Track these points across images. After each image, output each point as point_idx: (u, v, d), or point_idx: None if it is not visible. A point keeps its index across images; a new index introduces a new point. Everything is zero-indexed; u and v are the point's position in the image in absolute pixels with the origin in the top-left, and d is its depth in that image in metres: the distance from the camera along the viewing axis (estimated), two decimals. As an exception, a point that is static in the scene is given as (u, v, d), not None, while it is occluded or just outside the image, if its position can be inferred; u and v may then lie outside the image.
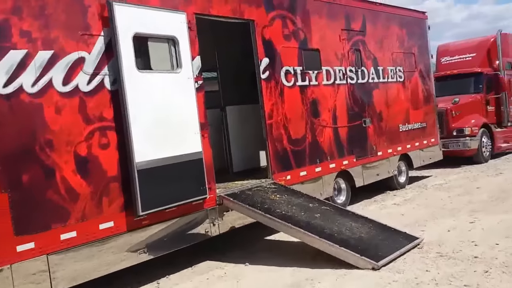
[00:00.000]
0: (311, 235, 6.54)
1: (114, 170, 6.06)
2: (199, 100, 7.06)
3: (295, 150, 8.79)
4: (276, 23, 8.53)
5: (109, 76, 6.05)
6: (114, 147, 6.08)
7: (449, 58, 17.35)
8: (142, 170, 6.14)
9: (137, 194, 6.09)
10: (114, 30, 5.99)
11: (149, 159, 6.24)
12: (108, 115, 6.03)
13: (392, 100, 11.53)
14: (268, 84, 8.33)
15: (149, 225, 6.40)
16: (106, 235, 5.94)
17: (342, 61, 10.03)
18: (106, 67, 6.04)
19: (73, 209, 5.64)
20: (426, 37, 12.96)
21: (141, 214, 6.17)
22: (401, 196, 11.10)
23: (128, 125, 6.05)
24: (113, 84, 6.08)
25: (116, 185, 6.07)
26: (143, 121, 6.21)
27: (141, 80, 6.25)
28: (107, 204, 5.97)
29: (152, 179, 6.27)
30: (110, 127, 6.05)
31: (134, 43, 6.18)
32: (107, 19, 6.01)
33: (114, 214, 6.03)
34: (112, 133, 6.07)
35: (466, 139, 14.97)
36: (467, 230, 7.63)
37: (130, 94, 6.07)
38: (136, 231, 6.27)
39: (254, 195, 7.58)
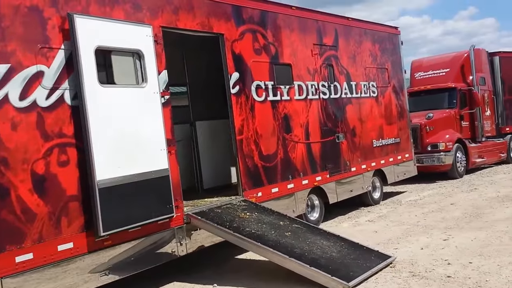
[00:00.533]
0: (281, 255, 6.36)
1: (74, 188, 5.81)
2: (165, 116, 6.87)
3: (267, 167, 8.64)
4: (246, 37, 8.43)
5: (69, 91, 5.83)
6: (74, 165, 5.84)
7: (423, 74, 17.49)
8: (104, 189, 5.91)
9: (98, 214, 5.85)
10: (75, 43, 5.78)
11: (111, 177, 6.01)
12: (68, 131, 5.81)
13: (365, 115, 11.49)
14: (238, 99, 8.19)
15: (112, 245, 6.14)
16: (65, 256, 5.68)
17: (315, 76, 9.97)
18: (67, 81, 5.82)
19: (30, 230, 5.38)
20: (399, 52, 13.01)
21: (103, 235, 5.92)
22: (375, 213, 11.02)
23: (89, 141, 5.83)
24: (74, 99, 5.86)
25: (76, 205, 5.82)
26: (105, 138, 6.00)
27: (104, 94, 6.04)
28: (66, 224, 5.71)
29: (114, 197, 6.04)
30: (70, 143, 5.81)
31: (96, 57, 5.98)
32: (68, 31, 5.81)
33: (73, 235, 5.77)
34: (72, 150, 5.83)
35: (441, 154, 15.04)
36: (441, 248, 7.54)
37: (91, 109, 5.86)
38: (98, 252, 6.00)
39: (223, 213, 7.39)
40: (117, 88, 6.30)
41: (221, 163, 9.28)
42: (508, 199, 10.96)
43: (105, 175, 5.95)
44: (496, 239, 7.71)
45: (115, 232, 6.08)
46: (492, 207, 10.27)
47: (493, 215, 9.55)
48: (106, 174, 5.96)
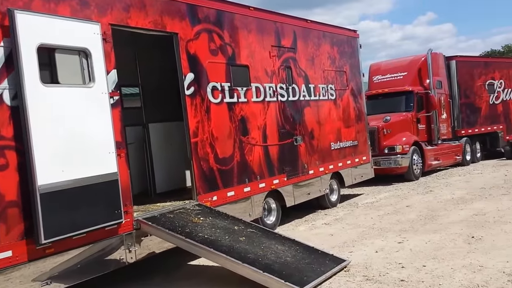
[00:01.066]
0: (234, 261, 6.17)
1: (13, 194, 5.45)
2: (115, 117, 6.57)
3: (222, 170, 8.43)
4: (202, 37, 8.20)
5: (9, 90, 5.47)
6: (14, 169, 5.48)
7: (381, 77, 17.63)
8: (46, 194, 5.57)
9: (39, 221, 5.50)
10: (15, 41, 5.43)
11: (54, 181, 5.68)
12: (7, 133, 5.44)
13: (323, 118, 11.43)
14: (193, 101, 7.96)
15: (54, 253, 5.79)
16: (3, 265, 5.31)
17: (272, 78, 9.82)
18: (6, 80, 5.46)
19: (-37, 239, 5.02)
20: (357, 55, 13.01)
21: (44, 242, 5.57)
22: (332, 216, 10.96)
23: (30, 144, 5.49)
24: (14, 99, 5.50)
25: (16, 211, 5.46)
26: (48, 140, 5.67)
27: (46, 95, 5.71)
28: (4, 231, 5.35)
29: (57, 203, 5.70)
30: (9, 146, 5.45)
31: (38, 55, 5.64)
32: (8, 28, 5.46)
33: (12, 243, 5.41)
34: (12, 153, 5.47)
35: (397, 156, 15.16)
36: (395, 251, 7.51)
37: (32, 110, 5.52)
38: (39, 261, 5.66)
39: (176, 218, 7.14)
40: (62, 88, 5.97)
41: (176, 166, 9.02)
42: (462, 201, 11.08)
43: (47, 180, 5.61)
44: (450, 242, 7.73)
45: (58, 240, 5.75)
46: (447, 209, 10.35)
47: (448, 217, 9.61)
48: (48, 178, 5.63)
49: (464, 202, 10.97)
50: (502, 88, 20.37)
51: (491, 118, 19.98)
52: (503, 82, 20.36)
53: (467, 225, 8.70)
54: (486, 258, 6.69)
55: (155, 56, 9.20)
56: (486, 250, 7.10)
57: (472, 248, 7.27)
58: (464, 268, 6.38)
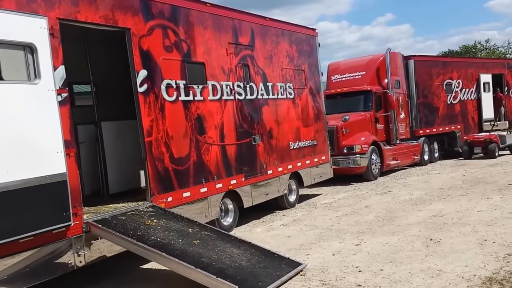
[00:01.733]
0: (186, 265, 6.00)
1: (-51, 196, 5.17)
2: (63, 115, 6.31)
3: (178, 170, 8.26)
4: (155, 33, 8.00)
5: None
6: (-49, 170, 5.20)
7: (340, 76, 17.72)
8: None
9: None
10: (-48, 33, 5.15)
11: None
12: None
13: (282, 117, 11.37)
14: (147, 98, 7.75)
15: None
16: None
17: (230, 76, 9.70)
18: None
19: None
20: (316, 54, 13.01)
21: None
22: (290, 216, 10.91)
23: (-31, 143, 5.21)
24: (-49, 95, 5.22)
25: (-47, 214, 5.19)
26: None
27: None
28: None
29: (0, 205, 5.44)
30: None
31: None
32: None
33: (-51, 249, 5.14)
34: (-51, 153, 5.19)
35: (356, 156, 15.24)
36: (352, 253, 7.47)
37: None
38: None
39: (128, 221, 6.93)
40: (5, 84, 5.66)
41: (129, 166, 8.78)
42: (420, 202, 11.18)
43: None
44: (408, 244, 7.72)
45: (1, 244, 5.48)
46: (405, 210, 10.42)
47: (406, 218, 9.66)
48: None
49: (423, 203, 11.05)
50: (460, 88, 20.71)
51: (449, 118, 20.21)
52: (461, 82, 20.71)
53: (426, 227, 8.70)
54: (444, 262, 6.64)
55: (107, 52, 8.93)
56: (445, 253, 7.05)
57: (431, 251, 7.23)
58: (422, 272, 6.32)
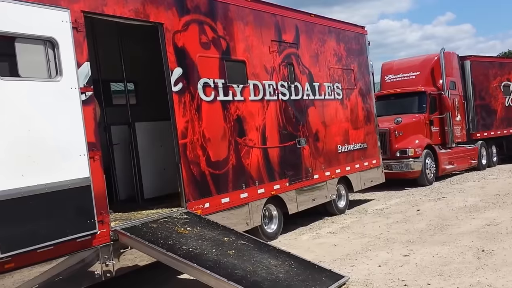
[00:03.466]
0: (218, 278, 5.31)
1: (-37, 201, 4.68)
2: (87, 115, 5.75)
3: (216, 174, 7.60)
4: (191, 28, 7.37)
5: (-43, 83, 4.72)
6: (-36, 173, 4.71)
7: (393, 77, 16.71)
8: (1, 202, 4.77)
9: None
10: (-37, 26, 4.67)
11: (11, 187, 4.86)
12: (-46, 132, 4.68)
13: (329, 119, 10.54)
14: (182, 98, 7.13)
15: (15, 269, 5.01)
16: (-50, 285, 4.56)
17: (273, 75, 8.97)
18: (-45, 71, 4.71)
19: None
20: (366, 53, 12.11)
21: (1, 257, 4.77)
22: (339, 223, 10.06)
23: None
24: (-37, 93, 4.74)
25: (-34, 221, 4.70)
26: (4, 140, 4.88)
27: (4, 89, 4.92)
28: (-49, 245, 4.59)
29: (16, 212, 4.91)
30: (-43, 147, 4.69)
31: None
32: (-45, 12, 4.71)
33: (-38, 258, 4.65)
34: (-39, 155, 4.71)
35: (410, 160, 14.22)
36: (399, 265, 6.68)
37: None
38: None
39: (159, 229, 6.30)
40: (22, 81, 5.16)
41: (166, 169, 8.16)
42: (475, 210, 10.13)
43: (3, 186, 4.81)
44: (458, 256, 6.88)
45: (19, 253, 4.95)
46: (458, 218, 9.43)
47: (459, 227, 8.71)
48: (4, 184, 4.82)
49: (477, 211, 10.03)
50: (518, 90, 19.30)
51: (507, 121, 18.97)
52: (519, 83, 19.29)
53: (478, 237, 7.84)
54: (495, 276, 5.88)
55: (143, 49, 8.37)
56: (497, 266, 6.27)
57: (482, 263, 6.44)
58: (471, 287, 5.58)
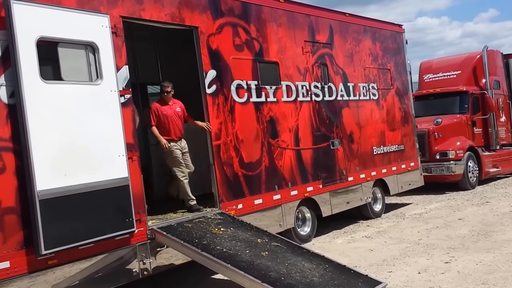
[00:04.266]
0: (252, 279, 5.66)
1: (10, 199, 5.19)
2: (126, 117, 6.25)
3: (249, 175, 7.99)
4: (225, 31, 7.81)
5: (6, 87, 5.23)
6: (12, 173, 5.22)
7: (432, 76, 16.78)
8: (46, 200, 5.27)
9: (39, 229, 5.21)
10: (12, 33, 5.19)
11: (55, 186, 5.38)
12: (3, 133, 5.19)
13: (364, 120, 10.81)
14: (215, 100, 7.57)
15: (58, 265, 5.51)
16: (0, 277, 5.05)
17: (306, 76, 9.32)
18: (3, 76, 5.22)
19: (-47, 248, 4.78)
20: (403, 52, 12.32)
21: (45, 253, 5.28)
22: (375, 227, 10.30)
23: (29, 145, 5.21)
24: (11, 96, 5.25)
25: (13, 218, 5.20)
26: (48, 141, 5.38)
27: (47, 92, 5.44)
28: (1, 240, 5.09)
29: (59, 210, 5.41)
30: (6, 148, 5.20)
31: (39, 49, 5.38)
32: (4, 19, 5.22)
33: (10, 253, 5.14)
34: (9, 156, 5.22)
35: (450, 163, 14.29)
36: (440, 272, 6.83)
37: (31, 108, 5.25)
38: (42, 273, 5.38)
39: (194, 228, 6.74)
40: (65, 85, 5.67)
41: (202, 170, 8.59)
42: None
43: (48, 185, 5.32)
44: (504, 264, 6.98)
45: (61, 250, 5.45)
46: (503, 224, 9.51)
47: (504, 233, 8.79)
48: (48, 183, 5.33)
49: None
50: None
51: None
52: None
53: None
54: None
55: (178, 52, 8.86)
56: None
57: None
58: None
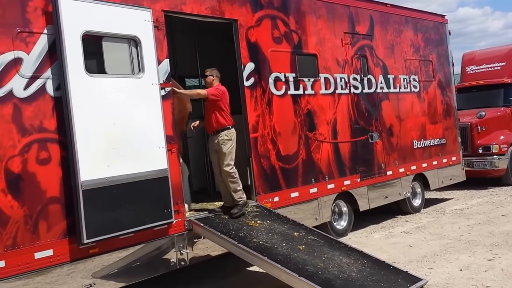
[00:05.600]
0: (289, 273, 5.82)
1: (55, 189, 5.48)
2: (166, 110, 6.47)
3: (285, 168, 8.14)
4: (264, 24, 7.94)
5: (52, 80, 5.51)
6: (57, 163, 5.51)
7: (475, 68, 16.53)
8: (89, 191, 5.55)
9: (82, 219, 5.48)
10: (58, 28, 5.45)
11: (98, 177, 5.65)
12: (49, 125, 5.48)
13: (404, 113, 10.81)
14: (253, 92, 7.73)
15: (99, 254, 5.79)
16: (43, 265, 5.36)
17: (345, 68, 9.38)
18: (50, 69, 5.50)
19: (1, 235, 5.07)
20: (446, 43, 12.22)
21: (86, 242, 5.56)
22: (414, 222, 10.32)
23: (73, 137, 5.48)
24: (57, 89, 5.53)
25: (57, 208, 5.49)
26: (92, 133, 5.65)
27: (92, 85, 5.69)
28: (45, 229, 5.39)
29: (101, 200, 5.68)
30: (52, 139, 5.49)
31: (84, 43, 5.63)
32: (51, 14, 5.48)
33: (54, 241, 5.45)
34: (55, 147, 5.51)
35: (494, 157, 14.09)
36: (483, 270, 6.82)
37: (76, 101, 5.51)
38: (82, 261, 5.66)
39: (231, 220, 6.94)
40: (108, 78, 5.93)
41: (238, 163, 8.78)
42: None
43: (91, 175, 5.59)
44: (549, 261, 6.96)
45: (102, 239, 5.72)
46: (548, 221, 9.43)
47: (549, 231, 8.73)
48: (92, 174, 5.60)
49: None
50: None
51: None
52: None
53: None
54: None
55: (216, 45, 9.05)
56: None
57: None
58: None
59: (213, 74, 7.17)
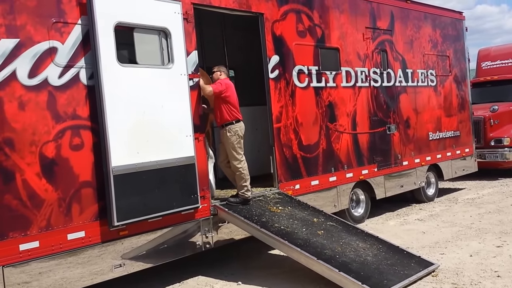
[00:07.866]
0: (308, 256, 5.64)
1: (87, 174, 5.33)
2: (193, 100, 6.27)
3: (306, 157, 7.89)
4: (289, 17, 7.65)
5: (85, 70, 5.33)
6: (89, 149, 5.35)
7: (490, 63, 15.97)
8: (120, 176, 5.39)
9: (113, 202, 5.34)
10: (92, 19, 5.26)
11: (128, 163, 5.48)
12: (82, 113, 5.31)
13: (421, 106, 10.44)
14: (277, 84, 7.46)
15: (128, 236, 5.65)
16: (75, 246, 5.23)
17: (365, 62, 9.05)
18: (83, 59, 5.32)
19: (36, 217, 4.95)
20: (463, 39, 11.76)
21: (117, 224, 5.41)
22: (427, 211, 10.01)
23: (105, 124, 5.31)
24: (90, 78, 5.35)
25: (90, 191, 5.34)
26: (123, 121, 5.47)
27: (123, 74, 5.50)
28: (77, 212, 5.25)
29: (131, 185, 5.52)
30: (84, 126, 5.33)
31: (116, 34, 5.43)
32: (85, 6, 5.29)
33: (86, 223, 5.31)
34: (87, 133, 5.34)
35: (505, 150, 13.62)
36: (492, 256, 6.58)
37: (108, 89, 5.33)
38: (112, 243, 5.53)
39: (254, 206, 6.74)
40: (139, 68, 5.73)
41: (261, 151, 8.57)
42: None
43: (121, 161, 5.43)
44: (557, 249, 6.65)
45: (132, 222, 5.57)
46: (557, 211, 9.06)
47: (557, 220, 8.38)
48: (122, 160, 5.44)
49: None
50: None
51: None
52: None
53: None
54: None
55: (243, 37, 8.78)
56: None
57: None
58: None
59: (221, 70, 6.80)
